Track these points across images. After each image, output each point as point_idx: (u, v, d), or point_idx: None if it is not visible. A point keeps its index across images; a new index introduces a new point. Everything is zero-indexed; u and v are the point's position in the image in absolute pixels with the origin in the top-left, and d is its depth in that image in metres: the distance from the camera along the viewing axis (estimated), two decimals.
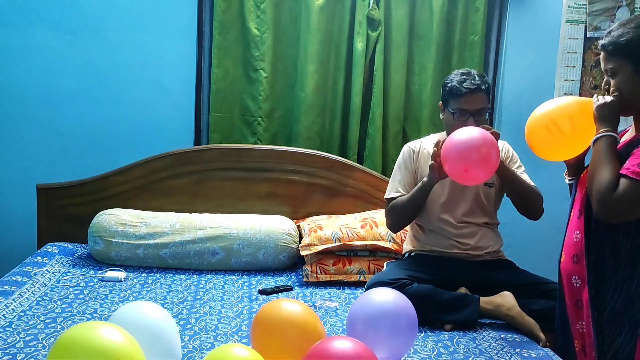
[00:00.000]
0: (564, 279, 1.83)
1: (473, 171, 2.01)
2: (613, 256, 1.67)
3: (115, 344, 1.34)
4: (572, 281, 1.78)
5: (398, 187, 2.39)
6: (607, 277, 1.68)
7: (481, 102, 2.25)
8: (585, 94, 3.22)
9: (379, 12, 3.05)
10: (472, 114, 2.24)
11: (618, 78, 1.68)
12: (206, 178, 2.93)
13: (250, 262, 2.67)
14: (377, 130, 3.10)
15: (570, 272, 1.79)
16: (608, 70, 1.70)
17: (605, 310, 1.68)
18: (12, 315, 2.01)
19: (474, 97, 2.24)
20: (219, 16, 2.98)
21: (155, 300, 2.26)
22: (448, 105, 2.29)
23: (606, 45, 1.68)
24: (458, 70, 2.33)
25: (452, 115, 2.27)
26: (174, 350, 1.60)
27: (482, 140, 2.00)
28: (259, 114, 3.08)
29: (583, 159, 1.87)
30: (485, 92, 2.27)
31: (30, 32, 2.91)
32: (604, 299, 1.68)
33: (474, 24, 3.14)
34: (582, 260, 1.74)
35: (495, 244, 2.39)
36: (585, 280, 1.73)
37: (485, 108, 2.27)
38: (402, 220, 2.39)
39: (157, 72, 3.01)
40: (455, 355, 1.90)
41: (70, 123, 2.98)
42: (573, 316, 1.80)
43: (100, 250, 2.63)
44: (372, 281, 2.21)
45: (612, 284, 1.67)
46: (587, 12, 3.16)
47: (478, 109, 2.24)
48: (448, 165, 2.05)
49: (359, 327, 1.73)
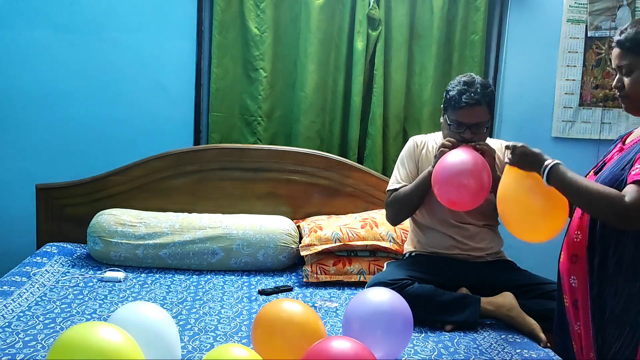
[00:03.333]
0: (564, 279, 1.81)
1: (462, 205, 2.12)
2: (616, 256, 1.65)
3: (115, 344, 1.34)
4: (571, 281, 1.77)
5: (400, 178, 2.37)
6: (610, 278, 1.67)
7: (480, 116, 2.17)
8: (586, 94, 3.22)
9: (379, 12, 3.05)
10: (469, 127, 2.18)
11: (634, 75, 1.64)
12: (206, 178, 2.92)
13: (250, 263, 2.66)
14: (377, 130, 3.10)
15: (568, 272, 1.78)
16: (622, 67, 1.66)
17: (606, 312, 1.67)
18: (11, 315, 2.01)
19: (472, 111, 2.15)
20: (219, 16, 2.98)
21: (154, 300, 2.25)
22: (447, 113, 2.23)
23: (623, 42, 1.65)
24: (462, 76, 2.23)
25: (449, 125, 2.22)
26: (173, 350, 1.60)
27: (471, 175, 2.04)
28: (258, 113, 3.08)
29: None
30: (487, 105, 2.19)
31: (30, 32, 2.91)
32: (605, 301, 1.67)
33: (474, 23, 3.14)
34: (582, 260, 1.72)
35: (496, 244, 2.38)
36: (584, 280, 1.71)
37: (484, 122, 2.19)
38: (402, 212, 2.36)
39: (157, 72, 3.00)
40: (456, 355, 1.90)
41: (70, 123, 2.98)
42: (572, 316, 1.79)
43: (99, 250, 2.63)
44: (372, 281, 2.21)
45: (614, 285, 1.66)
46: (588, 11, 3.16)
47: (475, 122, 2.17)
48: (437, 192, 2.11)
49: (355, 326, 1.73)
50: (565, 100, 3.23)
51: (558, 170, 1.68)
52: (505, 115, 3.24)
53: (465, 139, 2.17)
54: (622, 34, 1.66)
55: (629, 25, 1.66)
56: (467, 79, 2.19)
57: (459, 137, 2.18)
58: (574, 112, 3.23)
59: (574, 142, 3.23)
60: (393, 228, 2.66)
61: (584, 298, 1.72)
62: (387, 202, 2.39)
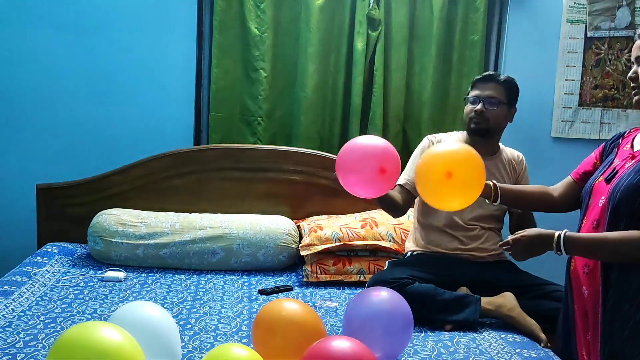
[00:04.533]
0: (573, 287, 1.76)
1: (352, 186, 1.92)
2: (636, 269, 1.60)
3: (115, 344, 1.34)
4: (582, 291, 1.71)
5: (406, 175, 2.36)
6: (631, 293, 1.60)
7: (493, 90, 2.31)
8: (586, 94, 3.22)
9: (379, 12, 3.05)
10: (482, 100, 2.30)
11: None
12: (206, 178, 2.93)
13: (250, 262, 2.67)
14: (377, 130, 3.10)
15: (580, 282, 1.72)
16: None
17: (625, 330, 1.59)
18: (11, 315, 2.01)
19: (485, 84, 2.32)
20: (219, 16, 2.98)
21: (155, 300, 2.26)
22: (467, 97, 2.38)
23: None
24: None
25: (467, 103, 2.35)
26: (173, 350, 1.60)
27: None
28: (258, 113, 3.08)
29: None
30: (502, 84, 2.32)
31: (31, 32, 2.91)
32: (623, 317, 1.59)
33: (474, 23, 3.14)
34: (595, 272, 1.66)
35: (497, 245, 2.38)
36: (596, 292, 1.66)
37: (496, 98, 2.30)
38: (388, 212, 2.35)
39: (157, 72, 3.01)
40: (456, 355, 1.90)
41: (70, 123, 2.98)
42: (581, 326, 1.73)
43: (100, 250, 2.63)
44: (372, 280, 2.21)
45: (635, 300, 1.59)
46: (588, 11, 3.16)
47: (488, 95, 2.30)
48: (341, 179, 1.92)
49: (355, 326, 1.73)
50: (565, 101, 3.23)
51: (573, 238, 1.64)
52: None
53: (477, 112, 2.29)
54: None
55: None
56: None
57: (472, 112, 2.31)
58: (574, 112, 3.23)
59: (573, 142, 3.23)
60: (393, 228, 2.67)
61: (595, 310, 1.66)
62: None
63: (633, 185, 1.59)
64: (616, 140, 1.82)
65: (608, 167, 1.74)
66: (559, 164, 1.96)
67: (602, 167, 1.77)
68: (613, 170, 1.70)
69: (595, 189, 1.73)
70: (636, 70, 1.65)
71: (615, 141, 1.82)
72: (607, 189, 1.66)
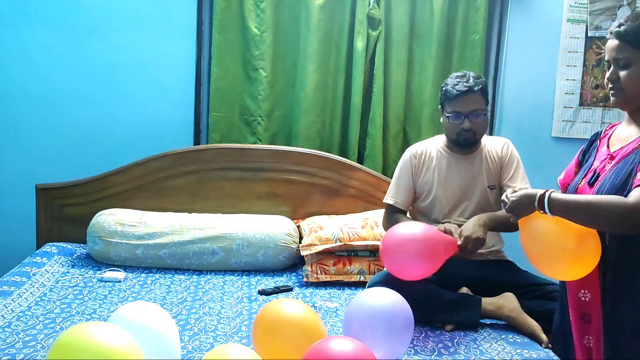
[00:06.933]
0: (568, 292, 1.75)
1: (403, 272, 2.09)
2: (631, 270, 1.60)
3: (115, 344, 1.34)
4: (580, 295, 1.70)
5: (395, 195, 2.42)
6: (626, 293, 1.60)
7: (475, 103, 2.25)
8: (587, 93, 3.21)
9: (380, 11, 3.05)
10: (467, 115, 2.25)
11: (632, 69, 1.60)
12: (205, 178, 2.92)
13: (250, 263, 2.66)
14: (377, 130, 3.10)
15: (577, 286, 1.71)
16: (619, 60, 1.62)
17: (625, 330, 1.59)
18: (11, 315, 2.01)
19: (466, 98, 2.23)
20: (219, 15, 2.97)
21: (154, 300, 2.25)
22: (444, 109, 2.31)
23: (623, 34, 1.60)
24: (455, 73, 2.33)
25: (448, 118, 2.28)
26: (173, 350, 1.60)
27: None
28: (258, 113, 3.08)
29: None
30: (480, 93, 2.26)
31: (30, 32, 2.90)
32: (623, 317, 1.60)
33: (474, 23, 3.13)
34: (593, 274, 1.65)
35: (497, 243, 2.39)
36: (596, 294, 1.65)
37: (480, 109, 2.26)
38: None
39: (157, 72, 3.00)
40: (456, 355, 1.90)
41: (70, 123, 2.98)
42: (578, 330, 1.73)
43: (99, 250, 2.62)
44: (373, 281, 2.20)
45: (633, 299, 1.59)
46: (588, 11, 3.16)
47: (472, 110, 2.24)
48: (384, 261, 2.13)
49: (355, 326, 1.73)
50: (566, 100, 3.23)
51: (556, 197, 1.63)
52: (505, 115, 3.23)
53: (465, 129, 2.25)
54: (621, 26, 1.61)
55: (629, 18, 1.62)
56: (459, 73, 2.31)
57: (459, 129, 2.26)
58: (574, 112, 3.23)
59: (574, 142, 3.22)
60: None
61: (597, 312, 1.66)
62: (385, 217, 2.45)
63: (615, 187, 1.59)
64: (595, 141, 1.82)
65: (588, 169, 1.74)
66: (559, 164, 1.95)
67: (583, 170, 1.77)
68: (594, 173, 1.69)
69: (579, 192, 1.72)
70: (615, 71, 1.64)
71: (593, 142, 1.82)
72: (591, 193, 1.66)
